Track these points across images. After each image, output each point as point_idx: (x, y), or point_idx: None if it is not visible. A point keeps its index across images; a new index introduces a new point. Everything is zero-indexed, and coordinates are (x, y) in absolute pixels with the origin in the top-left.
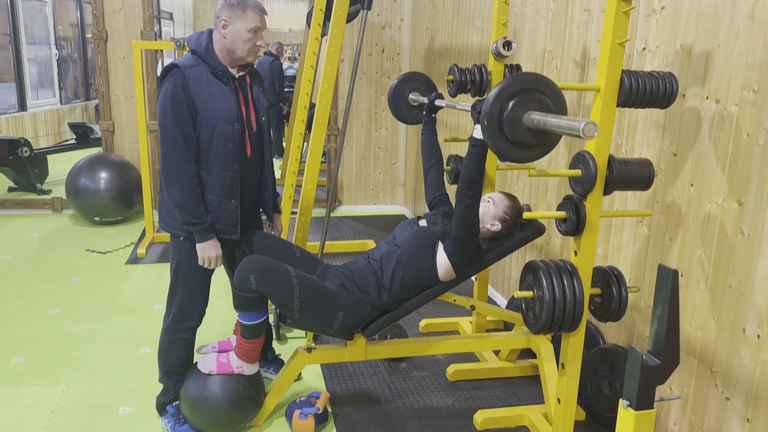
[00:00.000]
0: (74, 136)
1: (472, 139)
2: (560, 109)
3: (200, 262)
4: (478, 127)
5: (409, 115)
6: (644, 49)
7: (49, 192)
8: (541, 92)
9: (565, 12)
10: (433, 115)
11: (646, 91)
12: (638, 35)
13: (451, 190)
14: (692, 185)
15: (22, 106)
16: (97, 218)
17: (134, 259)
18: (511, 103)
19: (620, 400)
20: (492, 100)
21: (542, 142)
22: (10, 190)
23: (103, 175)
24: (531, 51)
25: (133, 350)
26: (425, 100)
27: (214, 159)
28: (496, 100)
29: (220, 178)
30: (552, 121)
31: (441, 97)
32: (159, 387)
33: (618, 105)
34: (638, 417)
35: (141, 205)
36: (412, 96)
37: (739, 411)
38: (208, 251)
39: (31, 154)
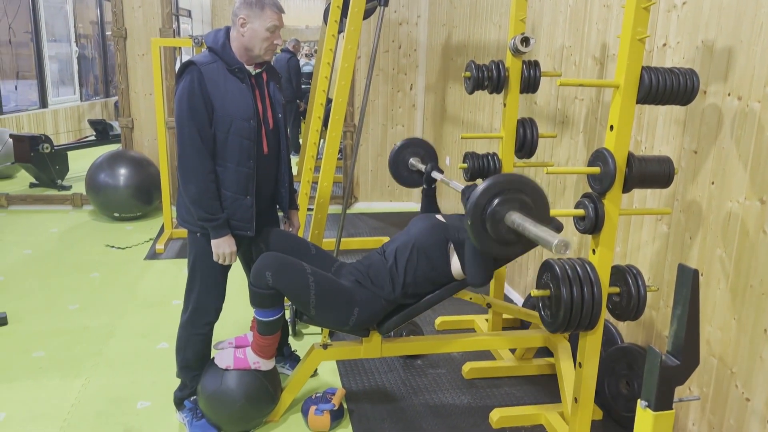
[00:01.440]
0: (94, 133)
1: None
2: (540, 211)
3: (215, 258)
4: None
5: (409, 179)
6: (665, 45)
7: (69, 188)
8: (524, 193)
9: (584, 7)
10: (432, 186)
11: (666, 87)
12: (659, 31)
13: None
14: (713, 183)
15: (43, 103)
16: (116, 214)
17: (153, 255)
18: (495, 201)
19: (638, 400)
20: (476, 197)
21: (523, 240)
22: (32, 186)
23: (123, 172)
24: (549, 47)
25: (151, 345)
26: (423, 168)
27: (230, 155)
28: (481, 197)
29: (236, 175)
30: (529, 228)
31: (437, 168)
32: (177, 382)
33: (637, 102)
34: (657, 418)
35: (159, 201)
36: (412, 161)
37: (759, 412)
38: (222, 247)
39: (52, 151)
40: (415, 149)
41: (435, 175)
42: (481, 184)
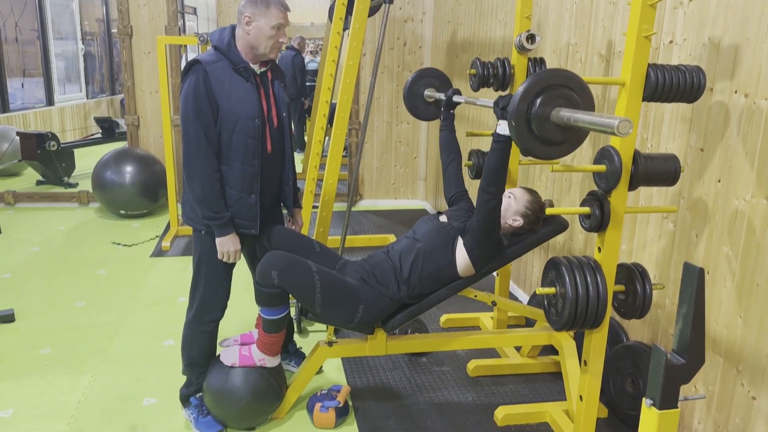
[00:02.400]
0: (100, 131)
1: (495, 135)
2: (588, 105)
3: (219, 256)
4: (501, 123)
5: (426, 111)
6: (671, 42)
7: (75, 185)
8: (568, 88)
9: (590, 4)
10: (452, 111)
11: (672, 85)
12: (665, 28)
13: (472, 185)
14: (719, 181)
15: (50, 100)
16: (122, 211)
17: (159, 252)
18: (538, 101)
19: (644, 398)
20: (519, 98)
21: (570, 138)
22: (38, 183)
23: (129, 169)
24: (555, 44)
25: (157, 342)
26: (441, 96)
27: (235, 154)
28: (523, 97)
29: (241, 174)
30: (585, 117)
31: (458, 92)
32: (183, 379)
33: (644, 99)
34: (662, 416)
35: (165, 198)
36: (427, 92)
37: (765, 411)
38: (227, 245)
39: (59, 148)
40: (429, 80)
41: (458, 98)
42: (520, 86)
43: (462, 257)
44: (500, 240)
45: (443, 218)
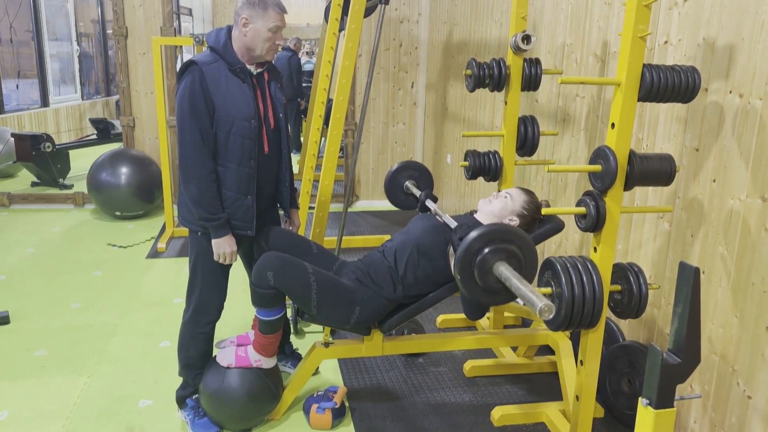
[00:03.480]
0: (95, 132)
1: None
2: (529, 263)
3: (215, 258)
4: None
5: (405, 201)
6: (666, 42)
7: (71, 187)
8: (514, 244)
9: (585, 5)
10: (427, 213)
11: (667, 85)
12: (660, 28)
13: (470, 185)
14: (714, 181)
15: (45, 102)
16: (118, 213)
17: (155, 254)
18: (486, 250)
19: (640, 398)
20: (467, 244)
21: (510, 291)
22: (33, 185)
23: (124, 170)
24: (550, 45)
25: (153, 343)
26: (416, 193)
27: (231, 155)
28: (471, 244)
29: (237, 175)
30: (516, 284)
31: (431, 197)
32: (179, 380)
33: (639, 99)
34: (658, 416)
35: (161, 199)
36: (407, 184)
37: (761, 409)
38: (223, 247)
39: (54, 150)
40: (410, 172)
41: (428, 204)
42: (473, 231)
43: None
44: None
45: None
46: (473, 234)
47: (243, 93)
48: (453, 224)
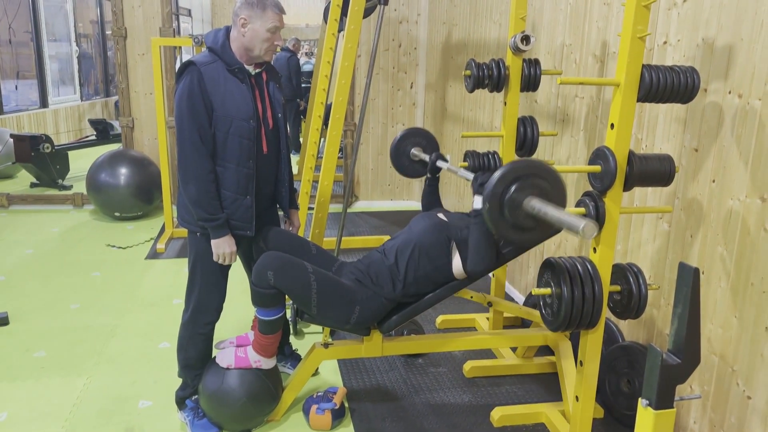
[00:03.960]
0: (94, 133)
1: (473, 211)
2: (560, 197)
3: (215, 258)
4: (476, 198)
5: (411, 169)
6: (665, 42)
7: (70, 188)
8: (543, 179)
9: (584, 5)
10: (437, 174)
11: (667, 85)
12: (659, 29)
13: (469, 186)
14: (714, 181)
15: (44, 102)
16: (117, 213)
17: (154, 254)
18: (513, 187)
19: (639, 399)
20: (495, 181)
21: (541, 226)
22: (32, 185)
23: (123, 171)
24: (549, 45)
25: (153, 344)
26: (425, 157)
27: (230, 156)
28: (499, 182)
29: (236, 175)
30: (552, 213)
31: (442, 157)
32: (178, 381)
33: (638, 100)
34: (658, 416)
35: (160, 200)
36: (413, 151)
37: (760, 410)
38: (222, 247)
39: (53, 151)
40: (416, 139)
41: (440, 164)
42: (497, 170)
43: (457, 264)
44: (497, 256)
45: (441, 215)
46: (501, 171)
47: (241, 93)
48: (470, 176)
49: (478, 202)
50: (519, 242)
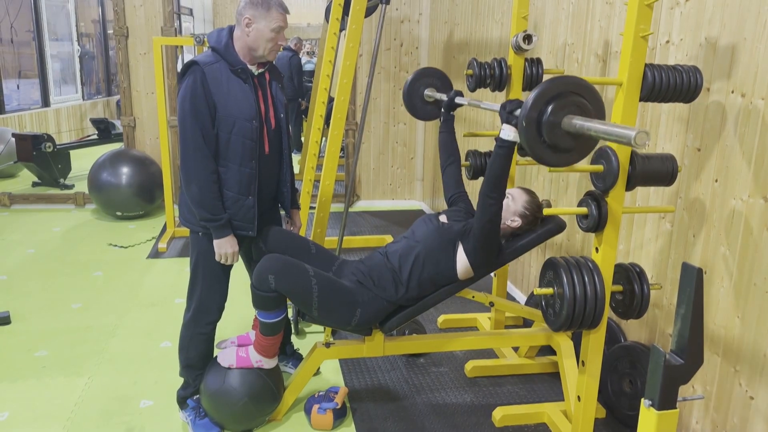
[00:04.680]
0: (96, 132)
1: (499, 140)
2: (599, 113)
3: (217, 258)
4: (506, 127)
5: (424, 111)
6: (668, 42)
7: (71, 187)
8: (580, 96)
9: (586, 4)
10: (452, 113)
11: (669, 85)
12: (662, 28)
13: (470, 185)
14: (716, 181)
15: (46, 102)
16: (118, 213)
17: (155, 254)
18: (549, 108)
19: (642, 399)
20: (531, 102)
21: (579, 146)
22: (34, 185)
23: (125, 171)
24: (552, 44)
25: (154, 344)
26: (442, 96)
27: (233, 156)
28: (536, 103)
29: (238, 175)
30: (600, 127)
31: (461, 94)
32: (180, 381)
33: (641, 99)
34: (660, 417)
35: (162, 200)
36: (427, 92)
37: (763, 410)
38: (224, 247)
39: (55, 150)
40: (429, 80)
41: (459, 99)
42: (531, 92)
43: (462, 261)
44: (500, 245)
45: (443, 218)
46: (535, 93)
47: (244, 93)
48: (496, 107)
49: (506, 132)
50: (556, 163)
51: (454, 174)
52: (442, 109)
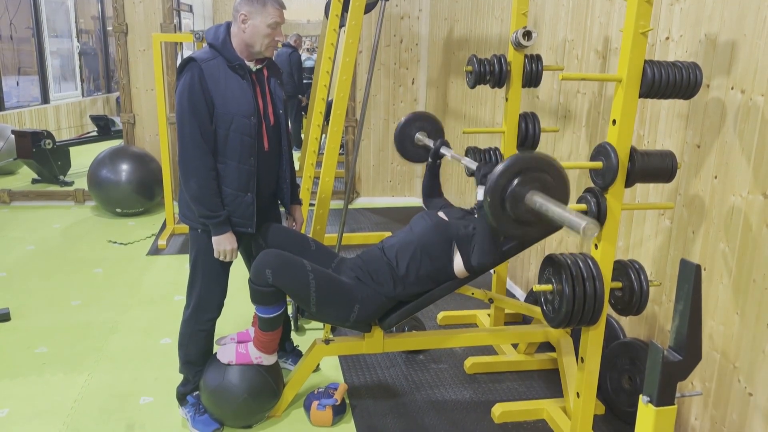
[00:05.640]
0: (96, 129)
1: (477, 204)
2: (562, 192)
3: (216, 255)
4: (481, 189)
5: (414, 153)
6: (667, 38)
7: (71, 184)
8: (546, 173)
9: (586, 1)
10: (438, 161)
11: (669, 81)
12: (661, 24)
13: (470, 182)
14: (716, 177)
15: (45, 98)
16: (118, 210)
17: (155, 251)
18: (515, 180)
19: (641, 395)
20: (497, 174)
21: (542, 222)
22: (34, 181)
23: (125, 167)
24: (551, 41)
25: (154, 341)
26: (430, 143)
27: (231, 152)
28: (502, 174)
29: (237, 172)
30: (555, 210)
31: (446, 144)
32: (179, 377)
33: (640, 96)
34: (659, 413)
35: (162, 196)
36: (418, 135)
37: (762, 407)
38: (223, 244)
39: (54, 147)
40: (421, 123)
41: (444, 150)
42: (501, 163)
43: (458, 262)
44: (498, 249)
45: (442, 215)
46: (503, 165)
47: (242, 90)
48: (473, 165)
49: (481, 194)
50: (520, 237)
51: (437, 204)
52: (429, 157)
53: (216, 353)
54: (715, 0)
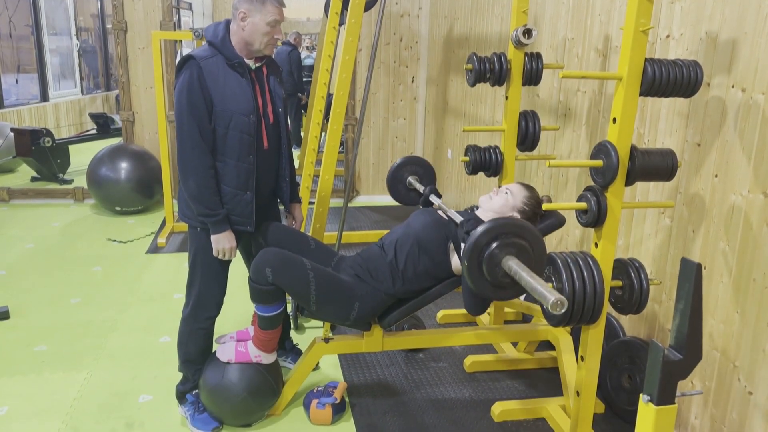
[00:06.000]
0: (95, 127)
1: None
2: (537, 259)
3: (215, 253)
4: (464, 246)
5: (406, 196)
6: (668, 36)
7: (70, 182)
8: (524, 239)
9: None
10: (429, 208)
11: (669, 79)
12: (662, 22)
13: (470, 180)
14: (716, 176)
15: (44, 96)
16: (117, 208)
17: (154, 249)
18: (493, 245)
19: (641, 394)
20: (475, 238)
21: (517, 285)
22: (33, 179)
23: (124, 165)
24: (552, 39)
25: (153, 339)
26: (421, 188)
27: (230, 151)
28: (480, 238)
29: (236, 170)
30: (527, 279)
31: (436, 192)
32: (179, 376)
33: (641, 94)
34: (659, 412)
35: (161, 194)
36: (410, 179)
37: (762, 406)
38: (222, 243)
39: (53, 145)
40: (413, 168)
41: (433, 199)
42: (481, 226)
43: (456, 262)
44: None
45: (440, 213)
46: (482, 228)
47: (241, 88)
48: (459, 219)
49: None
50: (495, 299)
51: None
52: (420, 203)
53: (215, 352)
54: None
